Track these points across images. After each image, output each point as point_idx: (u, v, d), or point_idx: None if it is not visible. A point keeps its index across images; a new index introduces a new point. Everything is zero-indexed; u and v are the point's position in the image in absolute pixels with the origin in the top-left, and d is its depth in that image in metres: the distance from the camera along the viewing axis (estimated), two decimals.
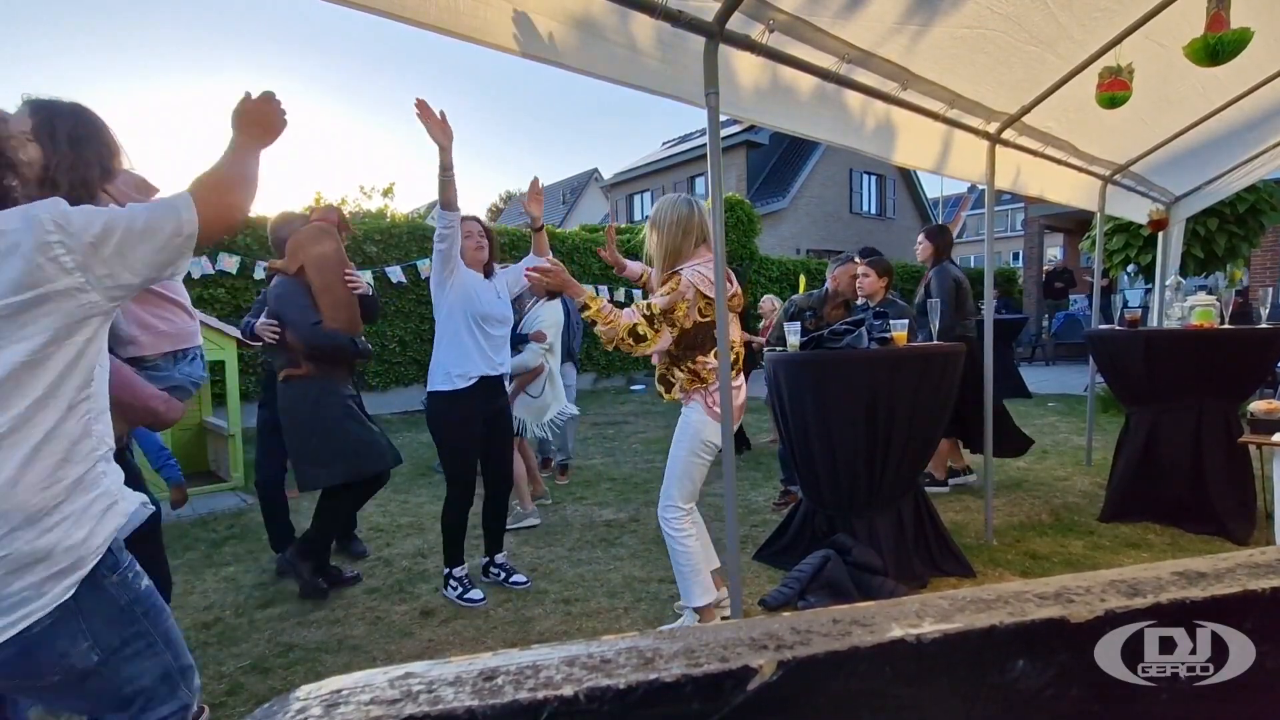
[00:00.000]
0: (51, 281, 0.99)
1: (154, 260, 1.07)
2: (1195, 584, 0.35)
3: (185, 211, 1.08)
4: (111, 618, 1.10)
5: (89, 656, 1.07)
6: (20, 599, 1.00)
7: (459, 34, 1.70)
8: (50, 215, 1.00)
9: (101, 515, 1.10)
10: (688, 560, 2.40)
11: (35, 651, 1.02)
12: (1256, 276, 11.16)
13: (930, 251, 4.25)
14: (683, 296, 2.26)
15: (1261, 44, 2.55)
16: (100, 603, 1.09)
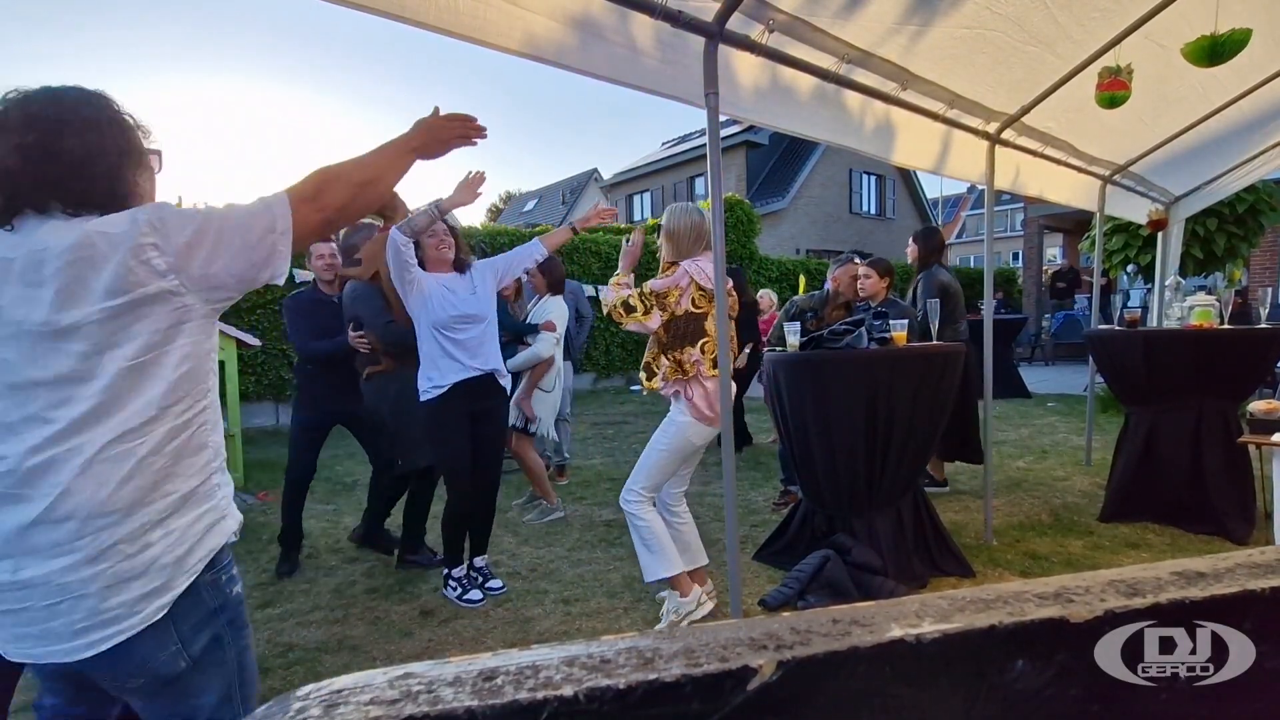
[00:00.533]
0: (144, 285, 0.97)
1: (247, 259, 1.03)
2: (1195, 584, 0.35)
3: (278, 208, 1.05)
4: (200, 621, 1.08)
5: (176, 662, 1.05)
6: (114, 615, 0.98)
7: (459, 34, 1.70)
8: (148, 216, 0.98)
9: (204, 533, 1.07)
10: (649, 532, 2.52)
11: (126, 655, 1.01)
12: (1256, 276, 11.17)
13: (915, 255, 4.26)
14: (677, 283, 2.39)
15: (1260, 44, 2.55)
16: (192, 605, 1.06)
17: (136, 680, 1.04)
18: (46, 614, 0.96)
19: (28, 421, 0.96)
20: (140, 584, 0.99)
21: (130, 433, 0.98)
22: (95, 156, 1.02)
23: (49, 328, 0.94)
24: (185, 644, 1.05)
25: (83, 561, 0.96)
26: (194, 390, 1.05)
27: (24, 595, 0.96)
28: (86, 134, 1.02)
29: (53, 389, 0.96)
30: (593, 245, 10.46)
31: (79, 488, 0.95)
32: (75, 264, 0.94)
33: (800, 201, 18.62)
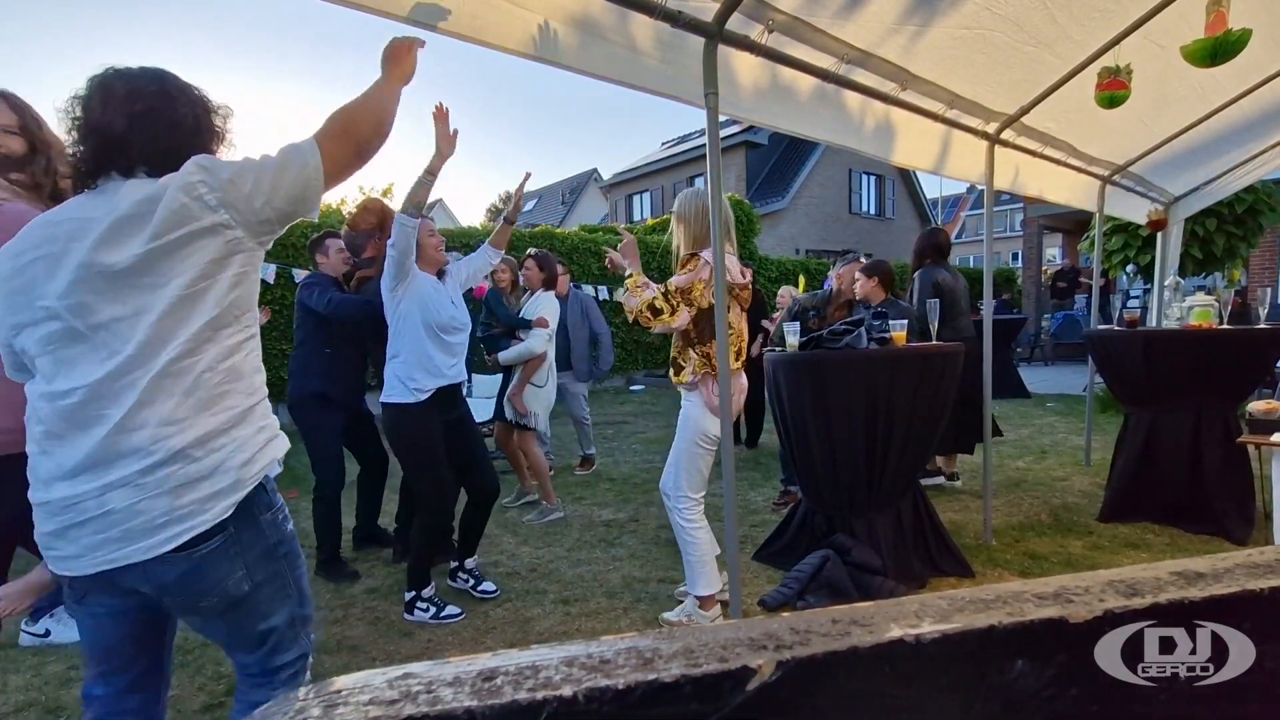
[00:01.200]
0: (198, 219, 1.09)
1: (288, 193, 1.16)
2: (1194, 584, 0.35)
3: (306, 146, 1.18)
4: (262, 552, 1.21)
5: (241, 585, 1.18)
6: (188, 511, 1.11)
7: (458, 34, 1.70)
8: (195, 160, 1.12)
9: (264, 445, 1.21)
10: (696, 550, 2.49)
11: (203, 571, 1.14)
12: (1255, 277, 11.18)
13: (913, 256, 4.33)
14: (699, 276, 2.37)
15: (1260, 45, 2.55)
16: (255, 537, 1.20)
17: (210, 599, 1.17)
18: (127, 514, 1.09)
19: (109, 352, 1.09)
20: (208, 484, 1.13)
21: (187, 352, 1.11)
22: (186, 127, 1.18)
23: (119, 265, 1.07)
24: (250, 570, 1.19)
25: (157, 464, 1.09)
26: (243, 317, 1.19)
27: (106, 499, 1.08)
28: (181, 107, 1.18)
29: (124, 322, 1.08)
30: (592, 245, 10.45)
31: (148, 399, 1.08)
32: (144, 212, 1.08)
33: (800, 201, 18.62)
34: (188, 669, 2.37)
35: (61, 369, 1.10)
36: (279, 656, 1.28)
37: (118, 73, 1.16)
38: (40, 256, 1.10)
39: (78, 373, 1.09)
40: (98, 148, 1.13)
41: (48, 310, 1.09)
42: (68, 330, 1.09)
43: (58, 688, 2.26)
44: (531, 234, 10.21)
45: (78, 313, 1.08)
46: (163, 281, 1.09)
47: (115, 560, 1.10)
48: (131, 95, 1.14)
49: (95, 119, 1.13)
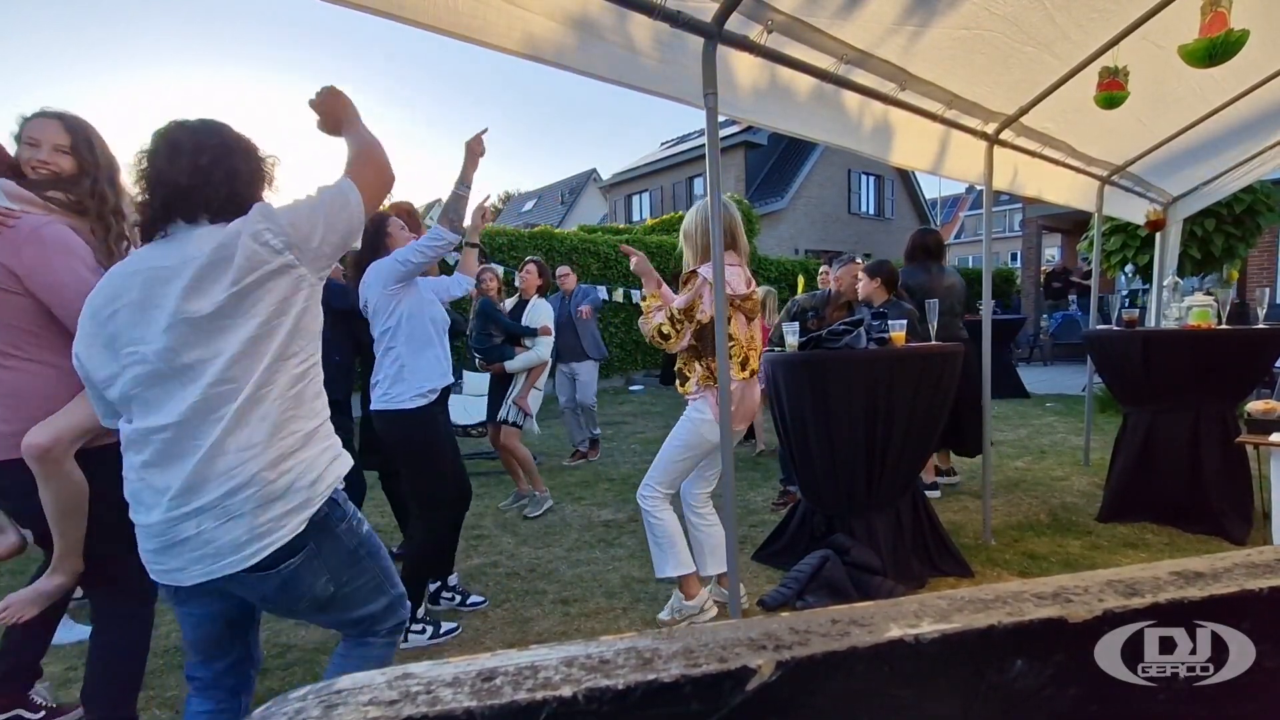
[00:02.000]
0: (268, 262, 1.23)
1: (340, 230, 1.32)
2: (1193, 584, 0.35)
3: (347, 186, 1.35)
4: (344, 559, 1.37)
5: (327, 588, 1.35)
6: (266, 529, 1.24)
7: (458, 34, 1.70)
8: (257, 209, 1.26)
9: (329, 463, 1.34)
10: (662, 530, 2.54)
11: (294, 582, 1.30)
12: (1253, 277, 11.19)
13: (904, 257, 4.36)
14: (698, 293, 2.39)
15: (1258, 45, 2.56)
16: (335, 547, 1.35)
17: (303, 602, 1.35)
18: (216, 534, 1.22)
19: (195, 389, 1.21)
20: (282, 504, 1.26)
21: (263, 383, 1.24)
22: (245, 177, 1.31)
23: (203, 313, 1.19)
24: (334, 575, 1.35)
25: (239, 487, 1.22)
26: (307, 346, 1.32)
27: (199, 520, 1.22)
28: (241, 158, 1.31)
29: (210, 360, 1.21)
30: (591, 246, 10.45)
31: (230, 429, 1.21)
32: (221, 261, 1.20)
33: (799, 202, 18.63)
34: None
35: (150, 407, 1.23)
36: (378, 626, 1.50)
37: (181, 126, 1.28)
38: (121, 308, 1.22)
39: (166, 410, 1.22)
40: (167, 199, 1.25)
41: (135, 355, 1.22)
42: (154, 372, 1.21)
43: (57, 688, 2.26)
44: (531, 234, 10.20)
45: (165, 357, 1.20)
46: (240, 322, 1.21)
47: (212, 574, 1.24)
48: (197, 149, 1.26)
49: (164, 172, 1.24)
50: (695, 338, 2.45)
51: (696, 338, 2.45)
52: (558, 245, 10.12)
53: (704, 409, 2.46)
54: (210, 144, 1.27)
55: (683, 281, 2.46)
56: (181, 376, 1.21)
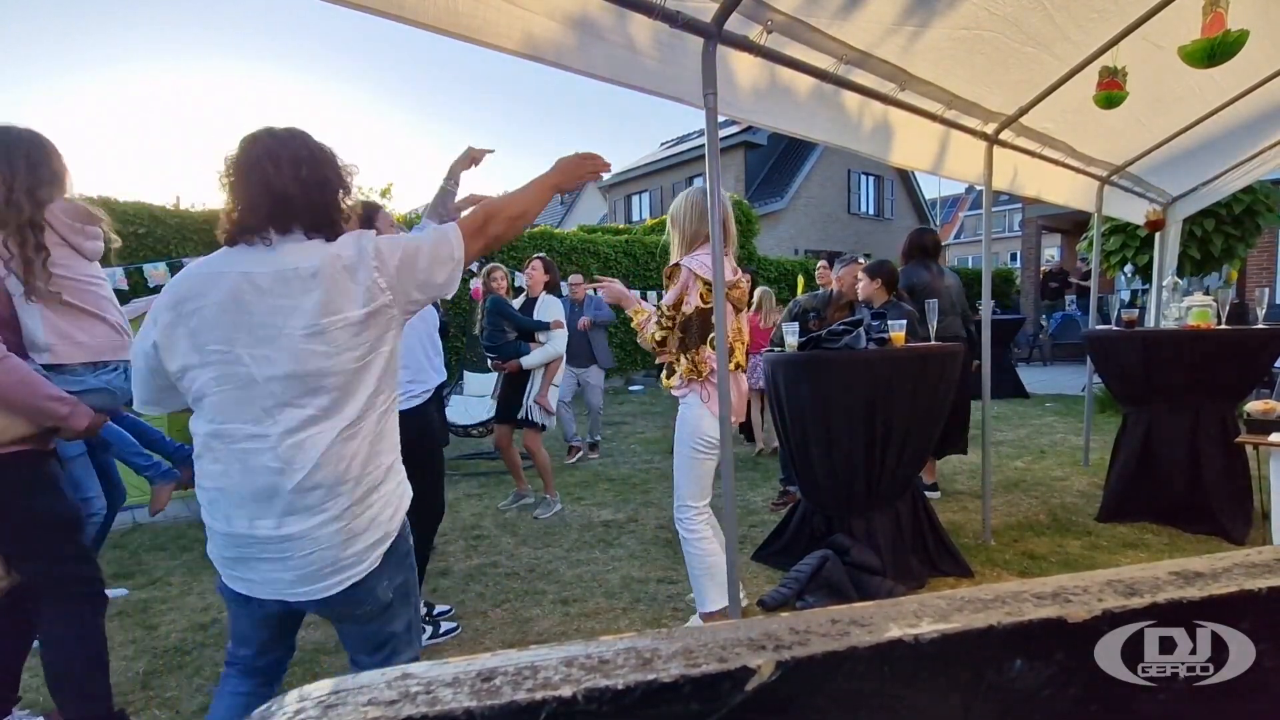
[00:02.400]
0: (376, 300, 1.25)
1: (435, 279, 1.32)
2: (1192, 584, 0.35)
3: (454, 238, 1.34)
4: (396, 565, 1.38)
5: (387, 593, 1.36)
6: (350, 562, 1.28)
7: (457, 34, 1.70)
8: (371, 245, 1.26)
9: (402, 495, 1.38)
10: (700, 562, 2.35)
11: (361, 590, 1.31)
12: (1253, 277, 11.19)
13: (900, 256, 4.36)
14: (684, 286, 2.32)
15: (1257, 46, 2.56)
16: (391, 551, 1.36)
17: (365, 608, 1.35)
18: (303, 562, 1.24)
19: (283, 407, 1.21)
20: (365, 538, 1.29)
21: (357, 419, 1.25)
22: (333, 187, 1.32)
23: (307, 331, 1.20)
24: (391, 579, 1.37)
25: (328, 520, 1.24)
26: (391, 383, 1.34)
27: (285, 547, 1.23)
28: (330, 169, 1.33)
29: (303, 381, 1.21)
30: (591, 246, 10.45)
31: (325, 463, 1.22)
32: (327, 282, 1.21)
33: (799, 202, 18.62)
34: (186, 670, 2.36)
35: (233, 411, 1.23)
36: (395, 659, 1.43)
37: (274, 135, 1.28)
38: (205, 306, 1.22)
39: (252, 418, 1.22)
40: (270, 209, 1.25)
41: (221, 355, 1.21)
42: (246, 377, 1.21)
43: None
44: (530, 234, 10.20)
45: (260, 364, 1.21)
46: (336, 353, 1.22)
47: (288, 597, 1.28)
48: (296, 160, 1.27)
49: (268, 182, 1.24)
50: (681, 330, 2.35)
51: (681, 330, 2.35)
52: (557, 245, 10.12)
53: (694, 403, 2.36)
54: (305, 155, 1.29)
55: (667, 275, 2.39)
56: (269, 388, 1.21)
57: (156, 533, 3.99)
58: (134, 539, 3.86)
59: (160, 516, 4.30)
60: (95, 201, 6.55)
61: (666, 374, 2.44)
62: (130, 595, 3.03)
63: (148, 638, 2.62)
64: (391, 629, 1.42)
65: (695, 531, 2.36)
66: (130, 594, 3.04)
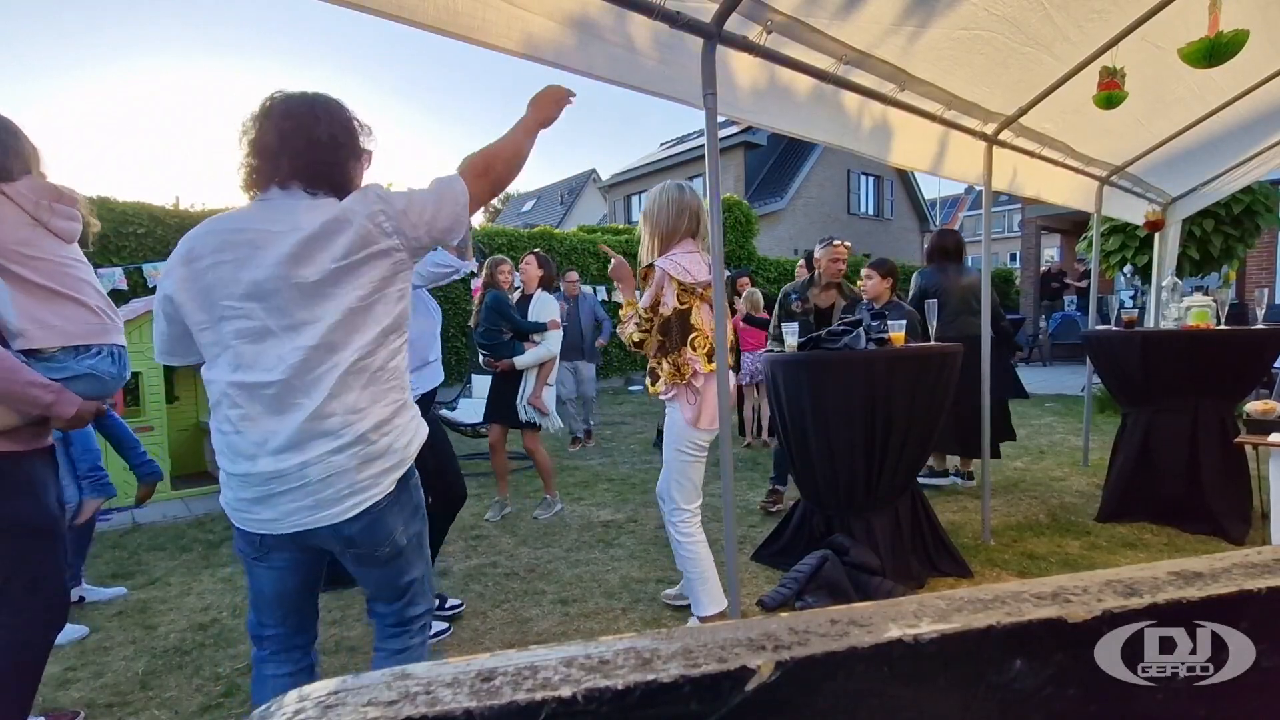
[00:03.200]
0: (377, 242, 1.31)
1: (442, 224, 1.37)
2: (1192, 584, 0.35)
3: (458, 184, 1.39)
4: (411, 512, 1.47)
5: (401, 538, 1.43)
6: (366, 484, 1.34)
7: (456, 34, 1.70)
8: (376, 192, 1.34)
9: (417, 428, 1.46)
10: (694, 566, 2.33)
11: (379, 524, 1.38)
12: (1252, 277, 11.20)
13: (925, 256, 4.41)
14: (660, 286, 2.27)
15: (1257, 46, 2.56)
16: (409, 499, 1.45)
17: (384, 548, 1.41)
18: (320, 486, 1.31)
19: (296, 350, 1.29)
20: (381, 462, 1.36)
21: (366, 355, 1.32)
22: (335, 146, 1.36)
23: (309, 279, 1.27)
24: (407, 525, 1.45)
25: (345, 445, 1.31)
26: (402, 324, 1.41)
27: (304, 473, 1.30)
28: (331, 127, 1.36)
29: (312, 324, 1.29)
30: (591, 246, 10.45)
31: (337, 392, 1.30)
32: (331, 234, 1.28)
33: (798, 202, 18.63)
34: (185, 670, 2.36)
35: (251, 361, 1.30)
36: (413, 609, 1.53)
37: (282, 95, 1.36)
38: (222, 262, 1.29)
39: (267, 366, 1.29)
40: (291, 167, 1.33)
41: (238, 310, 1.29)
42: (261, 328, 1.29)
43: (55, 689, 2.25)
44: (530, 234, 10.21)
45: (273, 314, 1.28)
46: (342, 292, 1.29)
47: (307, 524, 1.33)
48: (286, 113, 1.33)
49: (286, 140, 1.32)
50: (661, 333, 2.30)
51: (662, 333, 2.30)
52: (557, 245, 10.12)
53: (680, 406, 2.31)
54: (300, 111, 1.34)
55: (641, 277, 2.35)
56: (283, 335, 1.28)
57: (156, 533, 3.98)
58: (133, 539, 3.86)
59: (159, 517, 4.32)
60: (95, 201, 6.55)
61: (651, 380, 2.40)
62: (129, 595, 3.03)
63: (147, 638, 2.62)
64: (410, 576, 1.49)
65: (689, 535, 2.35)
66: (129, 594, 3.04)
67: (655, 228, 2.36)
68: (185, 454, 5.48)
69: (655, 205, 2.37)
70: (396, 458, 1.38)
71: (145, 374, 4.68)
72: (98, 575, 3.23)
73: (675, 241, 2.33)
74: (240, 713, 2.09)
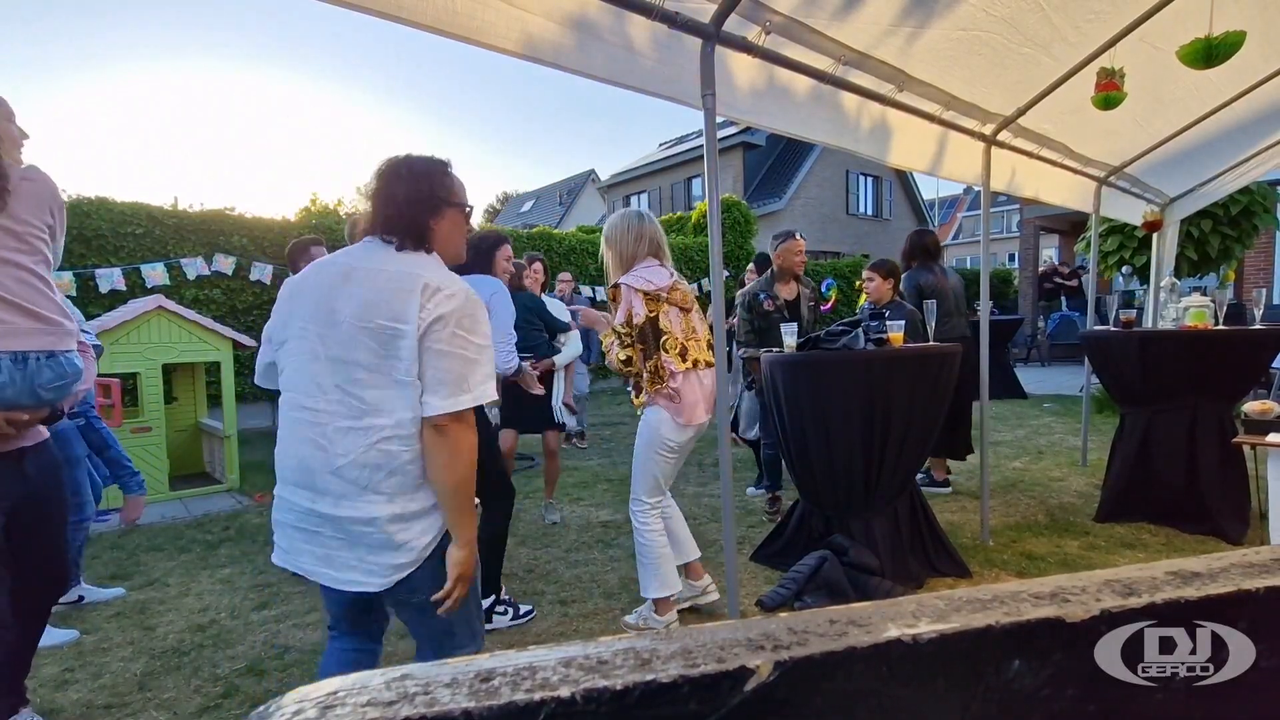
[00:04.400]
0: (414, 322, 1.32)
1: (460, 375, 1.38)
2: (1190, 584, 0.35)
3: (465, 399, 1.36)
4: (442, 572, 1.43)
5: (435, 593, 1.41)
6: (373, 570, 1.34)
7: (456, 35, 1.70)
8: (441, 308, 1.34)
9: (440, 528, 1.41)
10: (650, 553, 2.51)
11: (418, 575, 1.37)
12: (1250, 278, 11.22)
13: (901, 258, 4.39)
14: (629, 304, 2.41)
15: (1254, 47, 2.57)
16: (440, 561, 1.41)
17: (422, 595, 1.40)
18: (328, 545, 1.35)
19: (334, 388, 1.32)
20: (393, 555, 1.34)
21: (402, 435, 1.31)
22: (412, 203, 1.40)
23: (359, 322, 1.31)
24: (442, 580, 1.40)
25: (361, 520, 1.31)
26: None
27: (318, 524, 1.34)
28: (408, 185, 1.40)
29: (353, 368, 1.31)
30: (590, 247, 10.45)
31: (363, 461, 1.30)
32: (395, 288, 1.32)
33: (797, 203, 18.64)
34: (184, 671, 2.36)
35: (296, 380, 1.36)
36: (455, 651, 1.51)
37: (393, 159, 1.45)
38: (308, 288, 1.39)
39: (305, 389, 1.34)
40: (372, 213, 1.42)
41: (302, 330, 1.36)
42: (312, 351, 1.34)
43: (53, 690, 2.25)
44: (529, 235, 10.21)
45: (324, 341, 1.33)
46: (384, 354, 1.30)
47: (310, 574, 1.35)
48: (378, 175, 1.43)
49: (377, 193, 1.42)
50: (640, 340, 2.42)
51: (640, 340, 2.42)
52: (556, 246, 10.12)
53: (656, 410, 2.44)
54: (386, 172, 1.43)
55: (611, 299, 2.48)
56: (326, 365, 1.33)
57: (154, 533, 3.98)
58: (132, 540, 3.85)
59: (158, 518, 4.31)
60: (93, 202, 6.56)
61: (636, 393, 2.53)
62: (128, 596, 3.03)
63: (145, 639, 2.61)
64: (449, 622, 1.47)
65: (647, 524, 2.52)
66: (128, 595, 3.04)
67: (618, 252, 2.52)
68: (184, 455, 5.46)
69: (617, 231, 2.53)
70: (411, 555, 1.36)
71: (144, 375, 4.66)
72: (96, 576, 3.22)
73: (636, 262, 2.50)
74: (239, 714, 2.09)
